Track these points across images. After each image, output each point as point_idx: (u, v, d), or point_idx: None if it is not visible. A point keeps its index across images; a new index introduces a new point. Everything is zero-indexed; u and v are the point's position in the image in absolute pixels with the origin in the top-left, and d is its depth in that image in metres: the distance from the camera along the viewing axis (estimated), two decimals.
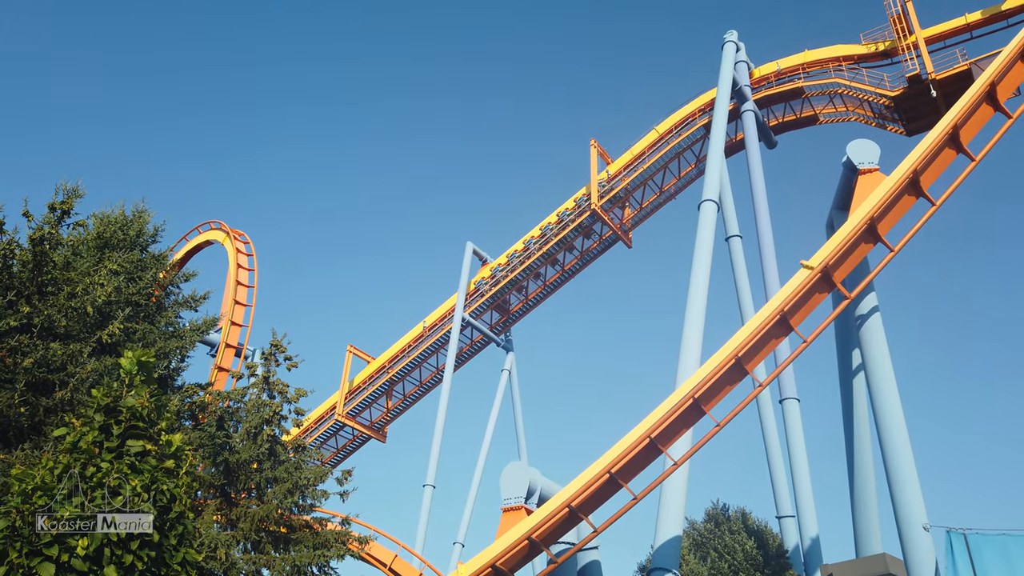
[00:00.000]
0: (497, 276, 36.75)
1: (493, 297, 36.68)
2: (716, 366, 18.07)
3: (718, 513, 42.01)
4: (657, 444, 17.98)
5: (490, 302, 36.85)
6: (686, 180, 35.20)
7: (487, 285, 36.79)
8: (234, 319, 30.87)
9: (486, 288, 36.72)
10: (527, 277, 36.55)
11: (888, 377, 20.15)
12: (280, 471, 17.07)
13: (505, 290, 36.67)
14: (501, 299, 37.20)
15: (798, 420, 24.28)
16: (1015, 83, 20.48)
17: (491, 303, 36.96)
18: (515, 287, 36.85)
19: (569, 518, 18.51)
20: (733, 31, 32.29)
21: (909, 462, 18.75)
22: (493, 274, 36.92)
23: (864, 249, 19.08)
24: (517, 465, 25.14)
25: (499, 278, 36.59)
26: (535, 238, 36.24)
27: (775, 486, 25.95)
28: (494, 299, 36.84)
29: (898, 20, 31.06)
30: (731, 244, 29.12)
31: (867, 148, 21.66)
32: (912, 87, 29.76)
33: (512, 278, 36.20)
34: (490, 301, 36.80)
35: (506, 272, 36.44)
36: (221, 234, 35.38)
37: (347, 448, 39.14)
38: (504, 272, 36.54)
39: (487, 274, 37.22)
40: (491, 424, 36.46)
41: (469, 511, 32.78)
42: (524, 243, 36.57)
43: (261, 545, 16.60)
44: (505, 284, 36.34)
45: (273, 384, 18.19)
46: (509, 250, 37.05)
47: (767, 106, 33.11)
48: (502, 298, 37.16)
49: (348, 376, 37.94)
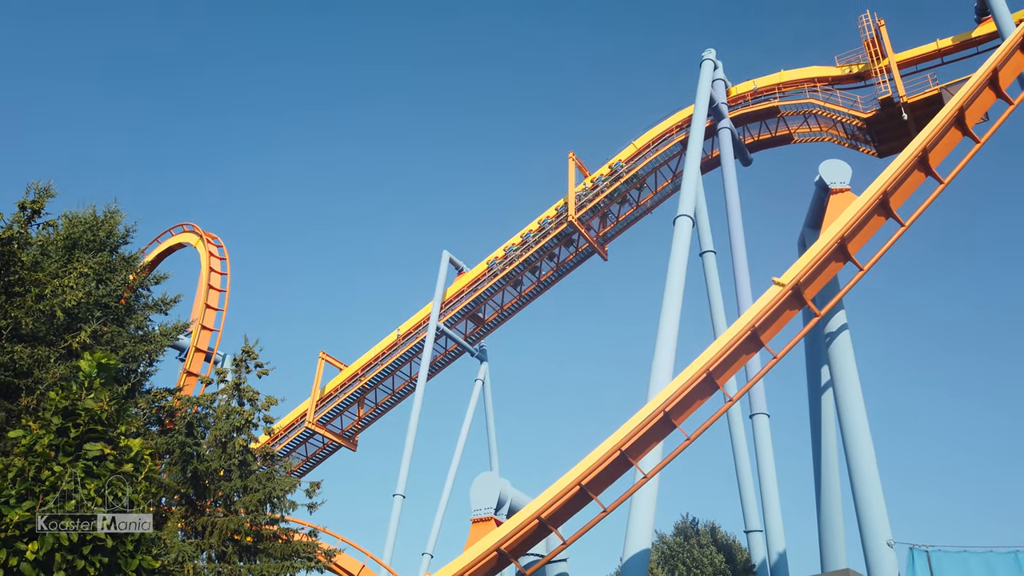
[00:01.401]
0: (473, 286, 36.73)
1: (468, 306, 36.63)
2: (687, 380, 18.18)
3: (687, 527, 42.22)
4: (628, 457, 18.02)
5: (465, 311, 36.79)
6: (662, 195, 35.50)
7: (463, 294, 36.76)
8: (205, 323, 30.52)
9: (462, 297, 36.68)
10: (503, 287, 36.57)
11: (855, 394, 20.41)
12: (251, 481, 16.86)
13: (481, 299, 36.64)
14: (476, 309, 37.16)
15: (767, 435, 24.46)
16: (983, 109, 20.95)
17: (466, 312, 36.90)
18: (491, 297, 36.84)
19: (539, 530, 18.46)
20: (711, 49, 32.72)
21: (874, 479, 18.97)
22: (469, 284, 36.90)
23: (834, 267, 19.35)
24: (488, 476, 25.06)
25: (475, 288, 36.57)
26: (512, 249, 36.30)
27: (743, 500, 26.11)
28: (469, 308, 36.79)
29: (872, 44, 31.72)
30: (705, 259, 29.37)
31: (839, 168, 22.01)
32: (884, 110, 30.36)
33: (488, 288, 36.19)
34: (465, 310, 36.74)
35: (482, 282, 36.44)
36: (194, 237, 35.01)
37: (317, 456, 38.74)
38: (480, 282, 36.53)
39: (463, 283, 37.18)
40: (463, 434, 36.31)
41: (439, 522, 32.58)
42: (501, 253, 36.61)
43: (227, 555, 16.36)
44: (481, 294, 36.33)
45: (244, 391, 18.00)
46: (486, 260, 37.06)
47: (743, 124, 33.55)
48: (477, 308, 37.12)
49: (320, 383, 37.60)
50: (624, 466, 18.22)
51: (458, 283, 37.47)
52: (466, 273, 37.58)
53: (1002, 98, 20.55)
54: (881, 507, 18.57)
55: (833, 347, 21.50)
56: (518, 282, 36.74)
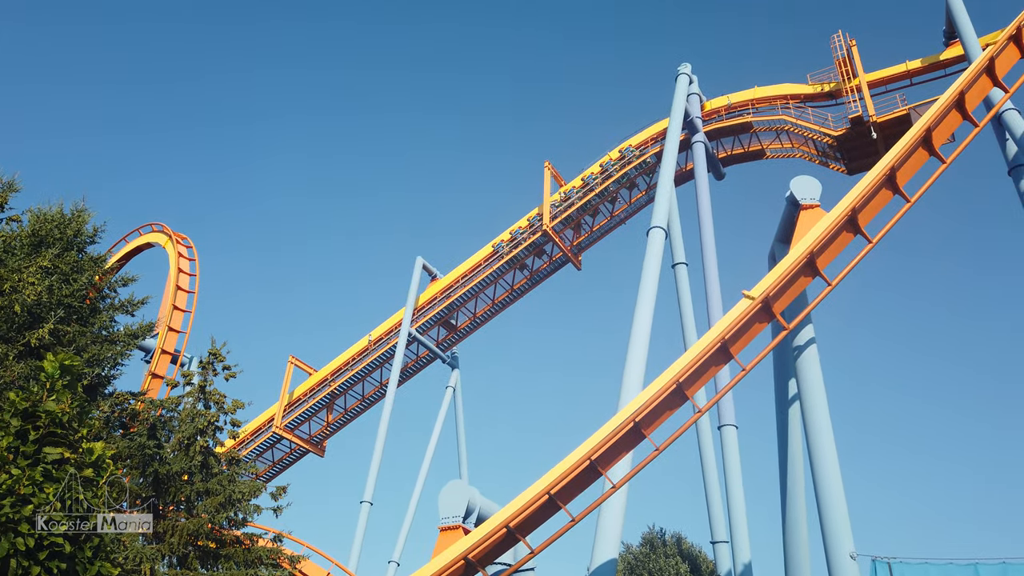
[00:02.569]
0: (446, 292, 36.65)
1: (441, 313, 36.53)
2: (657, 391, 18.28)
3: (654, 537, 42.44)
4: (597, 466, 18.04)
5: (438, 318, 36.68)
6: (636, 206, 35.78)
7: (436, 301, 36.66)
8: (172, 325, 30.07)
9: (435, 304, 36.58)
10: (476, 295, 36.53)
11: (822, 407, 20.66)
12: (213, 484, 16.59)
13: (454, 306, 36.57)
14: (449, 315, 37.07)
15: (735, 447, 24.68)
16: (950, 130, 21.42)
17: (439, 319, 36.80)
18: (464, 304, 36.79)
19: (507, 539, 18.39)
20: (687, 64, 33.10)
21: (838, 491, 19.20)
22: (443, 290, 36.81)
23: (803, 282, 19.61)
24: (457, 484, 24.96)
25: (448, 294, 36.50)
26: (486, 256, 36.30)
27: (711, 511, 26.28)
28: (442, 315, 36.69)
29: (843, 63, 32.36)
30: (677, 271, 29.61)
31: (809, 184, 22.33)
32: (854, 128, 30.95)
33: (461, 295, 36.14)
34: (438, 317, 36.63)
35: (455, 289, 36.38)
36: (163, 237, 34.52)
37: (284, 461, 38.29)
38: (454, 289, 36.47)
39: (437, 290, 37.07)
40: (433, 441, 36.14)
41: (406, 529, 32.35)
42: (475, 261, 36.58)
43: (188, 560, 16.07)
44: (454, 301, 36.26)
45: (210, 394, 17.71)
46: (460, 267, 37.00)
47: (717, 138, 33.97)
48: (450, 314, 37.02)
49: (288, 388, 37.21)
50: (593, 476, 18.24)
51: (431, 289, 37.36)
52: (440, 280, 37.48)
53: (968, 120, 21.04)
54: (845, 519, 18.80)
55: (801, 360, 21.75)
56: (492, 290, 36.74)
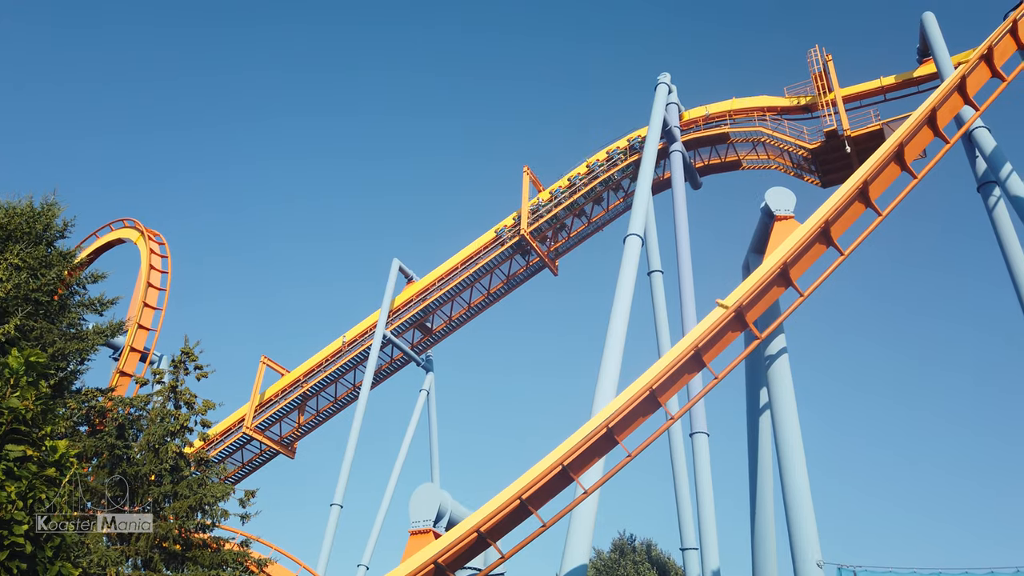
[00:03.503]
0: (422, 295, 36.53)
1: (416, 316, 36.39)
2: (631, 397, 18.34)
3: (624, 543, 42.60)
4: (569, 472, 18.05)
5: (413, 320, 36.54)
6: (614, 213, 35.96)
7: (412, 304, 36.52)
8: (142, 322, 29.60)
9: (410, 306, 36.44)
10: (452, 298, 36.45)
11: (792, 416, 20.89)
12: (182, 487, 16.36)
13: (429, 309, 36.46)
14: (424, 318, 36.94)
15: (706, 454, 24.85)
16: (921, 145, 21.79)
17: (414, 322, 36.65)
18: (439, 307, 36.69)
19: (477, 543, 18.32)
20: (666, 73, 33.37)
21: (807, 500, 19.40)
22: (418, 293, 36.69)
23: (776, 292, 19.82)
24: (428, 487, 24.83)
25: (424, 297, 36.38)
26: (463, 260, 36.24)
27: (680, 518, 26.41)
28: (417, 318, 36.55)
29: (819, 78, 32.85)
30: (653, 278, 29.78)
31: (784, 196, 22.59)
32: (829, 141, 31.43)
33: (437, 298, 36.04)
34: (413, 320, 36.49)
35: (431, 292, 36.27)
36: (135, 233, 34.01)
37: (253, 463, 37.86)
38: (430, 292, 36.36)
39: (412, 292, 36.93)
40: (405, 444, 35.94)
41: (376, 533, 32.10)
42: (452, 264, 36.52)
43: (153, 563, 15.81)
44: (430, 304, 36.15)
45: (180, 394, 17.47)
46: (436, 270, 36.91)
47: (694, 148, 34.27)
48: (425, 317, 36.90)
49: (260, 388, 36.81)
50: (565, 481, 18.25)
51: (407, 292, 37.21)
52: (416, 282, 37.35)
53: (939, 137, 21.42)
54: (812, 528, 19.00)
55: (772, 370, 21.97)
56: (468, 293, 36.69)
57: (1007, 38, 22.47)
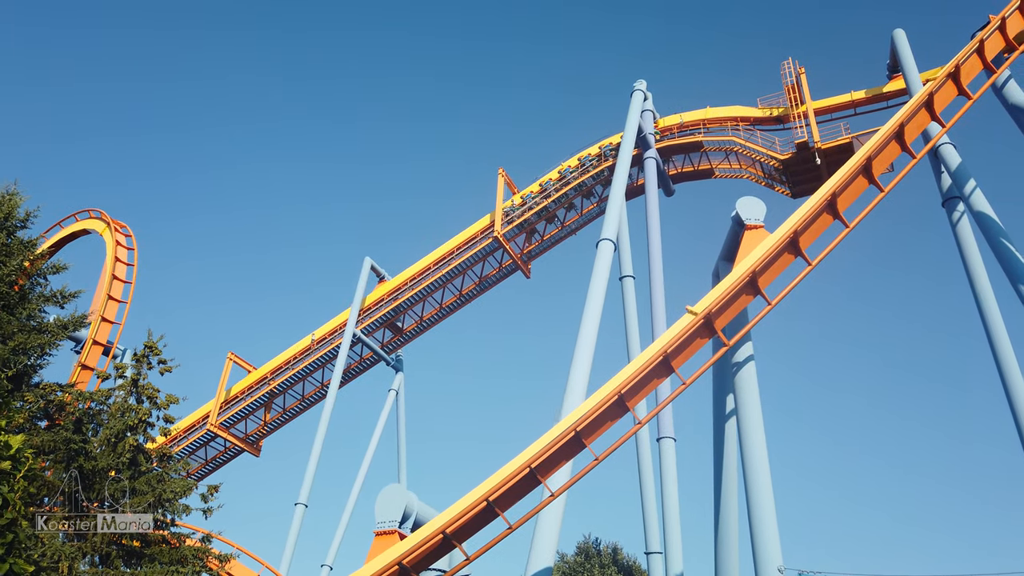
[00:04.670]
0: (393, 295, 36.35)
1: (387, 315, 36.21)
2: (600, 401, 18.40)
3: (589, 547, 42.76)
4: (536, 474, 18.06)
5: (384, 320, 36.34)
6: (587, 217, 36.14)
7: (383, 303, 36.32)
8: (105, 315, 29.04)
9: (381, 306, 36.24)
10: (424, 298, 36.33)
11: (757, 423, 21.15)
12: (141, 482, 16.07)
13: (400, 309, 36.29)
14: (395, 318, 36.76)
15: (673, 459, 25.04)
16: (889, 159, 22.19)
17: (384, 321, 36.46)
18: (411, 307, 36.54)
19: (443, 545, 18.25)
20: (642, 80, 33.65)
21: (770, 506, 19.65)
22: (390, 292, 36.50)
23: (745, 300, 20.03)
24: (394, 488, 24.65)
25: (395, 296, 36.21)
26: (436, 260, 36.15)
27: (646, 522, 26.56)
28: (388, 317, 36.36)
29: (792, 90, 33.35)
30: (624, 284, 29.95)
31: (755, 205, 22.87)
32: (800, 153, 31.92)
33: (409, 298, 35.89)
34: (384, 319, 36.29)
35: (403, 291, 36.11)
36: (100, 224, 33.40)
37: (217, 460, 37.33)
38: (401, 291, 36.20)
39: (384, 291, 36.73)
40: (373, 444, 35.73)
41: (341, 533, 31.86)
42: (425, 264, 36.40)
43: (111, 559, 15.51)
44: (401, 303, 35.99)
45: (143, 388, 17.17)
46: (409, 270, 36.76)
47: (668, 155, 34.57)
48: (396, 317, 36.72)
49: (226, 385, 36.32)
50: (532, 483, 18.26)
51: (379, 291, 37.01)
52: (387, 281, 37.16)
53: (906, 151, 21.82)
54: (774, 533, 19.24)
55: (739, 377, 22.21)
56: (440, 294, 36.60)
57: (974, 57, 22.97)
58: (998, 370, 23.17)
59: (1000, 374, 23.03)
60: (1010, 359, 22.97)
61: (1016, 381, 22.61)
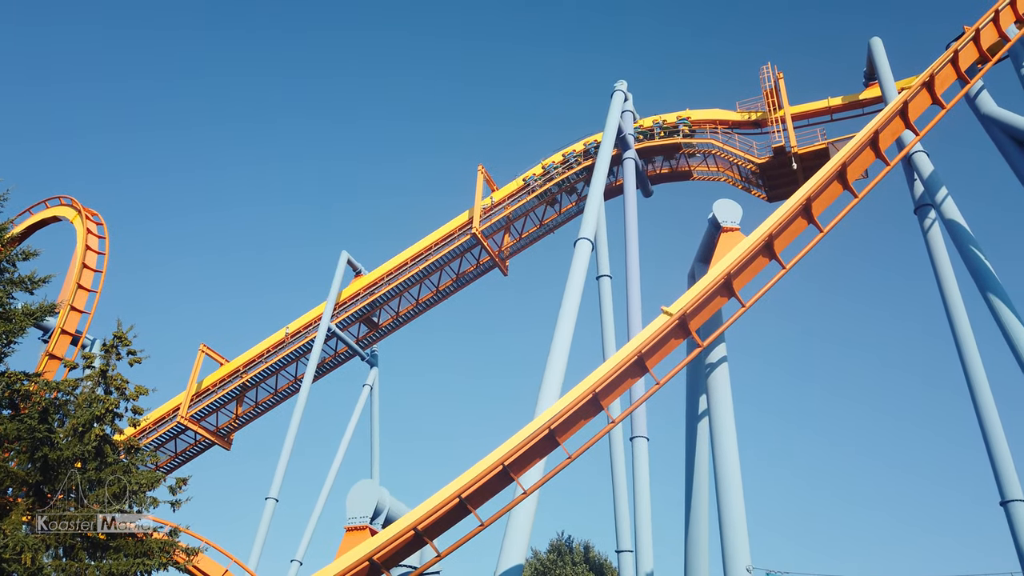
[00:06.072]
0: (370, 289, 36.16)
1: (363, 310, 36.00)
2: (574, 400, 18.45)
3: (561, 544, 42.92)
4: (510, 472, 18.07)
5: (359, 314, 36.13)
6: (565, 216, 36.19)
7: (359, 297, 36.11)
8: (75, 304, 28.55)
9: (357, 300, 36.02)
10: (400, 293, 36.17)
11: (729, 423, 21.31)
12: (107, 473, 15.85)
13: (377, 303, 36.10)
14: (371, 312, 36.56)
15: (645, 458, 25.16)
16: (863, 166, 22.47)
17: (360, 315, 36.24)
18: (387, 302, 36.36)
19: (414, 541, 18.20)
20: (623, 81, 33.74)
21: (739, 506, 19.82)
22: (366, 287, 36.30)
23: (719, 302, 20.18)
24: (366, 483, 24.56)
25: (372, 291, 36.02)
26: (413, 256, 36.01)
27: (617, 521, 26.68)
28: (364, 312, 36.15)
29: (771, 94, 33.64)
30: (601, 283, 30.05)
31: (731, 208, 23.03)
32: (777, 157, 32.21)
33: (385, 292, 35.71)
34: (359, 313, 36.08)
35: (380, 286, 35.93)
36: (71, 211, 32.82)
37: (187, 453, 36.89)
38: (378, 286, 36.01)
39: (360, 286, 36.52)
40: (346, 439, 35.53)
41: (312, 528, 31.65)
42: (402, 259, 36.25)
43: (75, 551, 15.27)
44: (378, 298, 35.80)
45: (111, 379, 16.94)
46: (386, 264, 36.58)
47: (647, 156, 34.70)
48: (372, 311, 36.52)
49: (197, 377, 35.90)
50: (505, 481, 18.26)
51: (355, 285, 36.79)
52: (364, 276, 36.95)
53: (881, 158, 22.10)
54: (743, 533, 19.42)
55: (712, 378, 22.38)
56: (416, 289, 36.47)
57: (948, 67, 23.33)
58: (965, 375, 23.59)
59: (967, 379, 23.45)
60: (976, 364, 23.40)
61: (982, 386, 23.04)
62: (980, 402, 22.91)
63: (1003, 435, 22.48)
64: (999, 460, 21.98)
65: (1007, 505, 21.30)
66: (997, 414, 22.79)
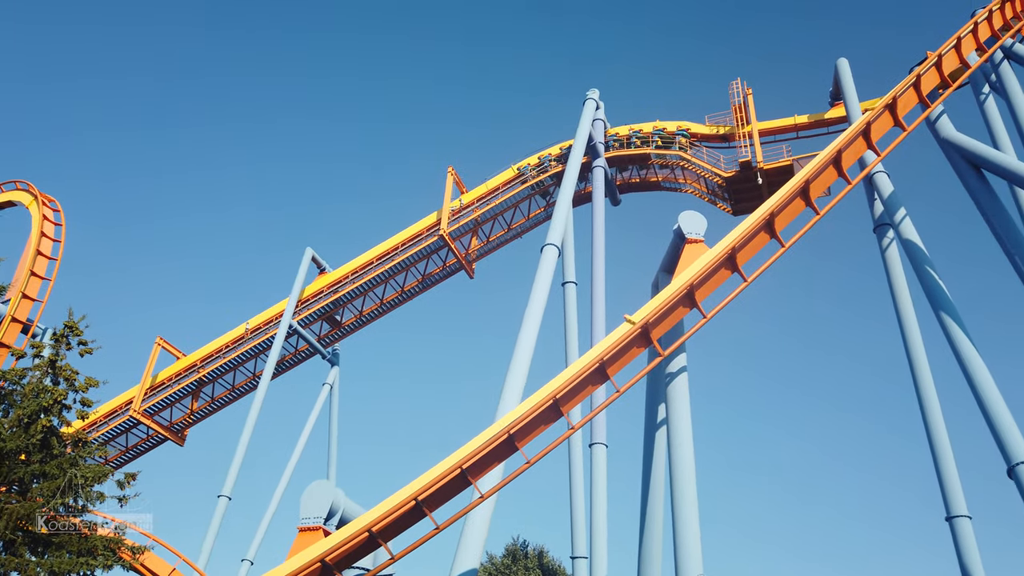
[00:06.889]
0: (334, 287, 35.80)
1: (326, 308, 35.63)
2: (535, 405, 18.46)
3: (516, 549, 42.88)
4: (468, 475, 17.99)
5: (322, 312, 35.75)
6: (534, 221, 36.29)
7: (322, 295, 35.73)
8: (27, 292, 27.73)
9: (320, 298, 35.64)
10: (364, 292, 35.88)
11: (686, 433, 21.52)
12: (52, 466, 15.41)
13: (340, 302, 35.75)
14: (334, 311, 36.20)
15: (603, 464, 25.25)
16: (826, 184, 22.92)
17: (323, 313, 35.87)
18: (351, 301, 36.04)
19: (368, 543, 18.00)
20: (595, 90, 33.97)
21: (693, 515, 20.01)
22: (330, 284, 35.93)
23: (681, 312, 20.39)
24: (321, 484, 24.22)
25: (336, 289, 35.66)
26: (378, 255, 35.76)
27: (573, 526, 26.75)
28: (327, 310, 35.79)
29: (739, 109, 34.16)
30: (566, 289, 30.14)
31: (696, 220, 23.30)
32: (743, 172, 32.72)
33: (349, 291, 35.39)
34: (322, 311, 35.70)
35: (344, 285, 35.60)
36: (27, 196, 31.95)
37: (138, 448, 36.09)
38: (342, 284, 35.67)
39: (324, 283, 36.14)
40: (303, 439, 35.07)
41: (264, 528, 31.15)
42: (367, 258, 35.96)
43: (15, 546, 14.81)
44: (341, 296, 35.46)
45: (60, 369, 16.49)
46: (351, 263, 36.26)
47: (616, 165, 34.97)
48: (335, 310, 36.16)
49: (152, 371, 35.17)
50: (463, 484, 18.18)
51: (318, 283, 36.40)
52: (328, 273, 36.59)
53: (843, 177, 22.56)
54: (696, 542, 19.59)
55: (672, 387, 22.57)
56: (381, 289, 36.21)
57: (910, 91, 23.93)
58: (916, 392, 24.15)
59: (917, 395, 24.02)
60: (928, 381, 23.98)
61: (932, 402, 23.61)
62: (929, 419, 23.50)
63: (951, 452, 23.07)
64: (945, 476, 22.54)
65: (952, 521, 21.83)
66: (946, 431, 23.39)
